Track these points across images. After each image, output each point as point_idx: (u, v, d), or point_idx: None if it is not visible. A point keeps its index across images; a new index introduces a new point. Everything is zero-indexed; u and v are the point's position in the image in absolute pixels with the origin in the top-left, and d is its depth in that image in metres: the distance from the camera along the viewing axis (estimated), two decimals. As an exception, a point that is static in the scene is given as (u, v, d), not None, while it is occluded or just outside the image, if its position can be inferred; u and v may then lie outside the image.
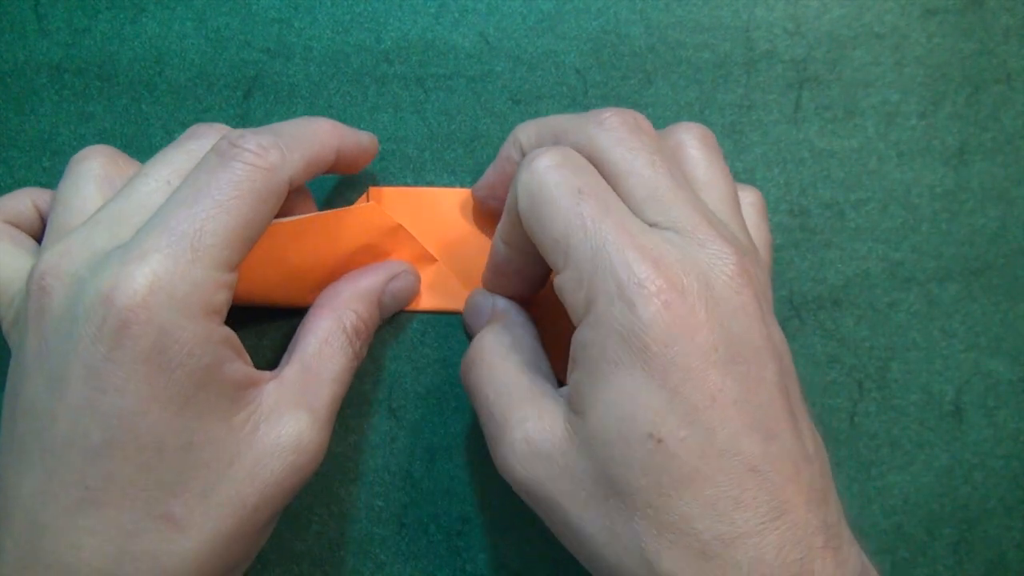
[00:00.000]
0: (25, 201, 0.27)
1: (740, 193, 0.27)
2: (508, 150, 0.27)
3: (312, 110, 0.31)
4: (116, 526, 0.21)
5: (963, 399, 0.30)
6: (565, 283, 0.22)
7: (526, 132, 0.26)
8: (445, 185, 0.31)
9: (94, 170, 0.25)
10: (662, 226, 0.22)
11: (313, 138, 0.25)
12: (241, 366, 0.23)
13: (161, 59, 0.31)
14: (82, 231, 0.23)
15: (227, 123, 0.31)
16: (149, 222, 0.22)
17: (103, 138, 0.31)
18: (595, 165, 0.23)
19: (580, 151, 0.24)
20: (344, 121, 0.31)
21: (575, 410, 0.22)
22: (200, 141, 0.25)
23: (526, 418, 0.23)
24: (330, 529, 0.30)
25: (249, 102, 0.31)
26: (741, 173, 0.31)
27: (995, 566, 0.30)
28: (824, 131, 0.31)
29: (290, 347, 0.26)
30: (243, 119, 0.31)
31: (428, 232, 0.30)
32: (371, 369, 0.30)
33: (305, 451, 0.24)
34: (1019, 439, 0.30)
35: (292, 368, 0.25)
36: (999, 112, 0.31)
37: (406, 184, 0.31)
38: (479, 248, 0.30)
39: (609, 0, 0.31)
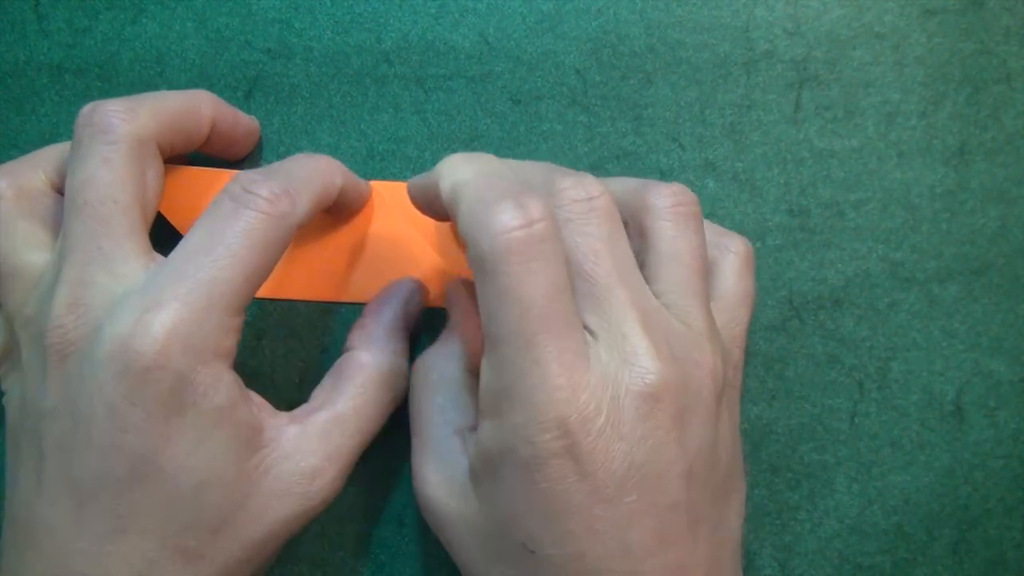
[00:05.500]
0: (39, 176, 0.26)
1: (724, 241, 0.26)
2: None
3: (312, 110, 0.31)
4: (139, 553, 0.22)
5: (963, 399, 0.30)
6: (484, 369, 0.22)
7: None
8: (445, 185, 0.31)
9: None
10: (593, 332, 0.22)
11: (320, 179, 0.26)
12: (253, 410, 0.24)
13: (161, 59, 0.31)
14: (74, 270, 0.23)
15: (227, 123, 0.31)
16: (165, 267, 0.23)
17: (103, 138, 0.31)
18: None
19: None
20: (344, 122, 0.31)
21: (473, 480, 0.23)
22: (103, 146, 0.24)
23: (432, 468, 0.25)
24: (330, 529, 0.30)
25: (249, 102, 0.31)
26: (741, 173, 0.31)
27: (995, 566, 0.30)
28: (824, 131, 0.31)
29: (324, 387, 0.26)
30: (243, 119, 0.31)
31: (427, 228, 0.30)
32: (371, 369, 0.30)
33: (313, 499, 0.24)
34: (1019, 439, 0.30)
35: (322, 415, 0.25)
36: (999, 112, 0.31)
37: (406, 184, 0.31)
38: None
39: (609, 0, 0.31)
